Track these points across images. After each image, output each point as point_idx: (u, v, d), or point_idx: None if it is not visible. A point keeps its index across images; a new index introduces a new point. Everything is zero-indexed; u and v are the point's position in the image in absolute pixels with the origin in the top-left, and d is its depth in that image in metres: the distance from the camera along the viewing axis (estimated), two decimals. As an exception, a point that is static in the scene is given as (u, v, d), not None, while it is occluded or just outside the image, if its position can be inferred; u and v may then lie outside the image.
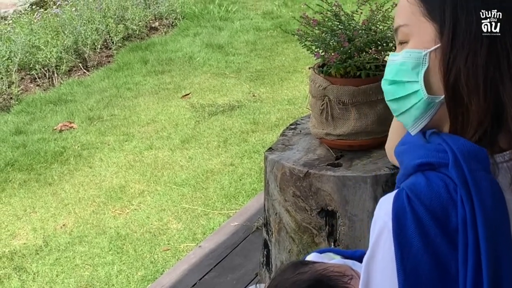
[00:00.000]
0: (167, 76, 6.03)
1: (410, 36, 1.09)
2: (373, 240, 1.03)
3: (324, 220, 2.19)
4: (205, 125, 4.90)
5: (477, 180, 0.98)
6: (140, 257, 3.40)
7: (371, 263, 1.03)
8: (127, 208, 3.88)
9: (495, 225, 0.97)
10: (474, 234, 0.96)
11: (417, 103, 1.07)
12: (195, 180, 4.10)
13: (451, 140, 1.03)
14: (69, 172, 4.37)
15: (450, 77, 1.04)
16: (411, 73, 1.07)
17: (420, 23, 1.07)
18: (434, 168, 1.02)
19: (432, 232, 0.98)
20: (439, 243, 0.98)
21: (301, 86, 5.46)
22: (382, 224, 1.01)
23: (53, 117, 5.29)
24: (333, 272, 1.32)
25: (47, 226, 3.77)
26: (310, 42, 2.27)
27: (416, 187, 1.00)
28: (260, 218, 3.23)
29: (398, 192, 1.02)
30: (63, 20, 6.63)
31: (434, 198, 0.98)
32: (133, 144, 4.69)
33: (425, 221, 0.98)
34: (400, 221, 0.99)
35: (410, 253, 0.98)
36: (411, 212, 0.98)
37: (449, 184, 0.99)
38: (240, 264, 3.06)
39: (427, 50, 1.05)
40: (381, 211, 1.03)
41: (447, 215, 0.98)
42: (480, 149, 1.01)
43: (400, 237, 0.98)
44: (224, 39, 6.89)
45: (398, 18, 1.12)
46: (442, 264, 0.98)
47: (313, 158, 2.26)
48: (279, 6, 7.90)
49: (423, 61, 1.06)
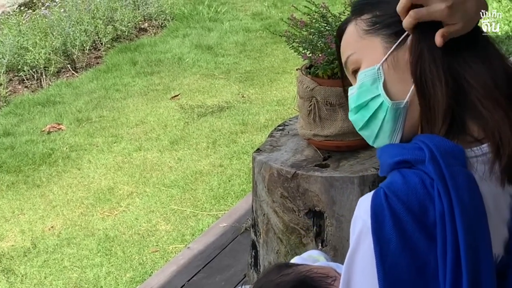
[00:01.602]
0: (156, 77, 6.02)
1: (360, 61, 1.15)
2: (353, 239, 1.04)
3: (312, 221, 2.19)
4: (194, 126, 4.90)
5: (454, 174, 0.99)
6: (128, 258, 3.39)
7: (352, 262, 1.04)
8: (116, 210, 3.87)
9: (472, 217, 0.99)
10: (452, 226, 0.98)
11: (385, 116, 1.11)
12: (184, 182, 4.10)
13: (427, 138, 1.05)
14: (58, 174, 4.35)
15: (417, 69, 1.08)
16: (371, 89, 1.12)
17: (364, 44, 1.14)
18: (410, 165, 1.04)
19: (409, 228, 0.99)
20: (417, 239, 0.99)
21: (290, 87, 5.47)
22: (362, 222, 1.03)
23: (41, 119, 5.27)
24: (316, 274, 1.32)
25: (35, 228, 3.76)
26: (297, 43, 2.27)
27: (393, 184, 1.02)
28: (248, 219, 3.24)
29: (376, 191, 1.03)
30: (52, 21, 6.61)
31: (411, 194, 1.00)
32: (121, 145, 4.68)
33: (402, 217, 0.99)
34: (378, 219, 1.00)
35: (388, 250, 0.99)
36: (388, 209, 1.00)
37: (425, 179, 1.01)
38: (228, 265, 3.06)
39: (378, 64, 1.11)
40: (360, 210, 1.04)
41: (425, 210, 0.99)
42: (456, 145, 1.04)
43: (378, 235, 1.00)
44: (214, 40, 6.89)
45: (344, 53, 1.19)
46: (421, 259, 0.99)
47: (301, 159, 2.27)
48: (269, 7, 7.91)
49: (378, 75, 1.11)
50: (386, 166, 1.07)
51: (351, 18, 1.18)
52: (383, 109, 1.12)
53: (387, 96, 1.11)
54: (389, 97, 1.11)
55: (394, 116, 1.11)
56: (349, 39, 1.17)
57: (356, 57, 1.15)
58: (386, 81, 1.11)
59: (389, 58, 1.11)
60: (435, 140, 1.04)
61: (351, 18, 1.18)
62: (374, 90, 1.12)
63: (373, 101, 1.13)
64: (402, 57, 1.10)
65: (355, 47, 1.15)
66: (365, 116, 1.14)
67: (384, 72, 1.11)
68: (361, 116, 1.15)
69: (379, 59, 1.11)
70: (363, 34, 1.14)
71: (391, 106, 1.10)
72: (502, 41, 5.64)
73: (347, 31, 1.18)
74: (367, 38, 1.14)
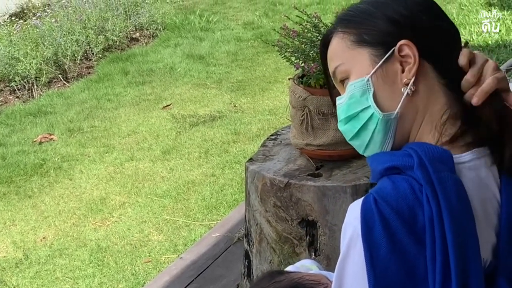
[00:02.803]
0: (148, 87, 6.01)
1: (348, 72, 1.16)
2: (344, 245, 1.06)
3: (305, 230, 2.19)
4: (186, 136, 4.90)
5: (442, 179, 1.01)
6: (121, 269, 3.38)
7: (343, 267, 1.06)
8: (108, 220, 3.85)
9: (461, 221, 1.00)
10: (440, 230, 0.99)
11: (376, 127, 1.13)
12: (176, 191, 4.09)
13: (416, 145, 1.08)
14: (49, 184, 4.34)
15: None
16: (361, 101, 1.13)
17: (353, 55, 1.15)
18: (400, 171, 1.06)
19: (399, 233, 1.00)
20: (407, 243, 1.00)
21: (282, 96, 5.47)
22: (352, 228, 1.04)
23: (33, 129, 5.25)
24: (308, 281, 1.33)
25: (27, 239, 3.74)
26: (290, 53, 2.28)
27: (382, 190, 1.04)
28: (241, 228, 3.23)
29: (366, 197, 1.05)
30: (43, 31, 6.60)
31: (400, 199, 1.01)
32: (113, 155, 4.67)
33: (392, 223, 1.00)
34: (368, 224, 1.02)
35: (378, 254, 1.00)
36: (378, 215, 1.01)
37: (414, 185, 1.02)
38: (221, 275, 3.05)
39: (368, 75, 1.12)
40: (350, 216, 1.06)
41: (414, 215, 1.01)
42: (444, 151, 1.06)
43: (368, 240, 1.01)
44: (205, 50, 6.90)
45: (331, 62, 1.20)
46: (411, 263, 1.01)
47: (294, 169, 2.27)
48: (260, 17, 7.93)
49: (368, 87, 1.12)
50: (376, 173, 1.09)
51: (337, 29, 1.19)
52: (373, 120, 1.13)
53: (377, 107, 1.12)
54: (379, 108, 1.12)
55: (384, 127, 1.12)
56: (337, 49, 1.18)
57: (344, 68, 1.16)
58: (376, 92, 1.12)
59: (378, 70, 1.12)
60: (424, 146, 1.07)
61: (337, 29, 1.19)
62: (364, 102, 1.13)
63: (363, 113, 1.14)
64: (391, 69, 1.12)
65: (343, 58, 1.16)
66: (356, 127, 1.16)
67: (374, 83, 1.12)
68: (351, 127, 1.17)
69: (368, 70, 1.13)
70: (351, 45, 1.15)
71: (381, 118, 1.12)
72: (492, 50, 5.67)
73: (334, 41, 1.19)
74: (355, 49, 1.15)
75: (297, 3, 7.73)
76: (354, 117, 1.15)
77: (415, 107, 1.12)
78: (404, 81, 1.11)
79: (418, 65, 1.10)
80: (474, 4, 7.12)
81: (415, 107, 1.12)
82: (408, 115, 1.12)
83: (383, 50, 1.12)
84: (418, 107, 1.11)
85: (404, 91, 1.11)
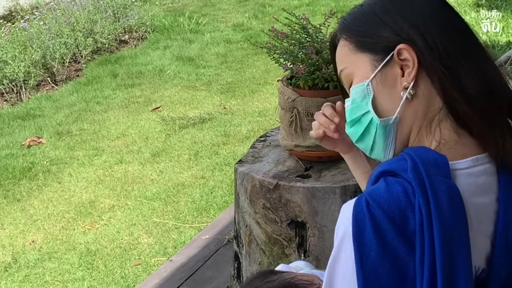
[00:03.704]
0: (137, 90, 6.00)
1: (352, 75, 1.17)
2: (335, 246, 1.06)
3: (294, 232, 2.19)
4: (176, 138, 4.89)
5: (434, 183, 1.01)
6: (110, 272, 3.36)
7: (334, 267, 1.06)
8: (97, 223, 3.84)
9: (451, 226, 1.00)
10: (429, 234, 0.99)
11: (376, 132, 1.14)
12: (166, 194, 4.08)
13: (412, 150, 1.08)
14: (38, 187, 4.31)
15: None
16: (361, 105, 1.15)
17: (355, 59, 1.16)
18: (394, 174, 1.05)
19: (389, 235, 1.00)
20: (397, 246, 1.00)
21: (272, 98, 5.47)
22: (344, 229, 1.04)
23: (21, 133, 5.22)
24: (301, 281, 1.33)
25: (16, 242, 3.71)
26: (278, 54, 2.28)
27: (375, 192, 1.04)
28: (231, 230, 3.22)
29: (358, 198, 1.05)
30: (31, 34, 6.57)
31: (392, 202, 1.01)
32: (102, 158, 4.65)
33: (382, 225, 1.00)
34: (359, 226, 1.02)
35: (369, 257, 1.00)
36: (369, 217, 1.01)
37: (407, 188, 1.02)
38: (211, 277, 3.04)
39: (368, 79, 1.13)
40: (343, 217, 1.06)
41: (406, 219, 1.01)
42: (440, 156, 1.05)
43: (359, 242, 1.01)
44: (195, 52, 6.89)
45: (338, 66, 1.22)
46: (400, 267, 1.01)
47: (283, 170, 2.27)
48: (249, 19, 7.93)
49: (368, 91, 1.14)
50: (372, 178, 1.09)
51: (341, 34, 1.20)
52: (373, 125, 1.14)
53: (376, 112, 1.13)
54: (378, 113, 1.13)
55: (384, 132, 1.14)
56: (341, 53, 1.20)
57: (348, 72, 1.18)
58: (376, 97, 1.13)
59: (378, 74, 1.13)
60: (419, 151, 1.07)
61: (341, 34, 1.20)
62: (364, 106, 1.15)
63: (364, 117, 1.16)
64: (390, 73, 1.12)
65: (347, 62, 1.18)
66: (359, 130, 1.17)
67: (373, 88, 1.13)
68: (355, 131, 1.18)
69: (368, 75, 1.14)
70: (354, 50, 1.16)
71: (379, 123, 1.13)
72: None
73: (339, 45, 1.21)
74: (357, 54, 1.16)
75: (287, 5, 7.74)
76: (357, 121, 1.17)
77: (414, 111, 1.11)
78: (403, 84, 1.11)
79: (418, 69, 1.10)
80: (462, 5, 7.15)
81: (414, 112, 1.11)
82: (407, 120, 1.12)
83: (383, 55, 1.12)
84: (417, 111, 1.11)
85: (403, 95, 1.11)
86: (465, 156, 1.08)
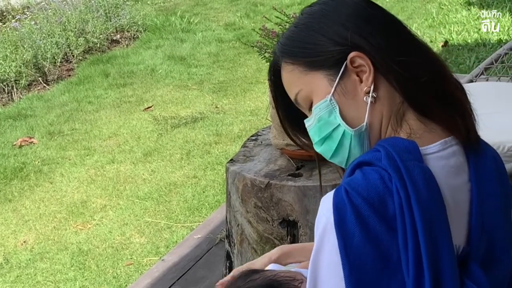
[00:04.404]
0: (129, 89, 5.99)
1: (310, 96, 1.18)
2: (317, 237, 1.07)
3: (286, 230, 2.19)
4: (168, 137, 4.88)
5: (409, 167, 1.04)
6: (102, 272, 3.36)
7: (318, 258, 1.07)
8: (89, 223, 3.83)
9: (430, 208, 1.03)
10: (410, 217, 1.02)
11: (351, 143, 1.16)
12: (158, 193, 4.08)
13: (384, 141, 1.12)
14: (30, 188, 4.30)
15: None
16: (329, 121, 1.16)
17: (309, 80, 1.17)
18: (370, 164, 1.08)
19: (371, 221, 1.02)
20: (379, 231, 1.02)
21: (264, 97, 5.47)
22: (325, 220, 1.06)
23: (13, 133, 5.21)
24: (283, 277, 1.34)
25: (8, 243, 3.70)
26: (269, 53, 2.28)
27: (353, 181, 1.06)
28: (223, 230, 3.22)
29: (337, 189, 1.07)
30: (22, 34, 6.55)
31: (371, 189, 1.04)
32: (94, 158, 4.64)
33: (363, 212, 1.02)
34: (341, 215, 1.03)
35: (352, 244, 1.02)
36: (350, 205, 1.03)
37: (384, 175, 1.05)
38: (203, 277, 3.04)
39: (329, 95, 1.14)
40: (323, 208, 1.07)
41: (385, 204, 1.03)
42: (410, 142, 1.09)
43: (342, 230, 1.03)
44: (186, 51, 6.88)
45: (290, 91, 1.22)
46: (384, 250, 1.02)
47: (274, 169, 2.27)
48: (241, 18, 7.93)
49: (332, 106, 1.15)
50: (348, 170, 1.12)
51: (283, 59, 1.20)
52: (347, 137, 1.15)
53: (347, 124, 1.15)
54: (349, 124, 1.15)
55: (359, 140, 1.15)
56: (291, 77, 1.20)
57: (305, 93, 1.18)
58: (342, 109, 1.15)
59: (337, 87, 1.14)
60: (390, 140, 1.11)
61: (283, 59, 1.20)
62: (333, 121, 1.16)
63: (335, 132, 1.16)
64: (349, 83, 1.14)
65: (301, 84, 1.18)
66: (332, 146, 1.18)
67: (337, 101, 1.15)
68: (328, 147, 1.19)
69: (328, 90, 1.15)
70: (304, 72, 1.17)
71: (353, 134, 1.15)
72: (471, 49, 5.71)
73: (285, 71, 1.20)
74: (309, 74, 1.16)
75: (278, 4, 7.75)
76: (328, 137, 1.18)
77: (380, 112, 1.14)
78: (364, 90, 1.13)
79: (374, 72, 1.12)
80: (453, 3, 7.17)
81: (380, 113, 1.14)
82: (375, 122, 1.15)
83: (336, 68, 1.14)
84: (382, 111, 1.14)
85: (367, 100, 1.13)
86: (434, 141, 1.12)
